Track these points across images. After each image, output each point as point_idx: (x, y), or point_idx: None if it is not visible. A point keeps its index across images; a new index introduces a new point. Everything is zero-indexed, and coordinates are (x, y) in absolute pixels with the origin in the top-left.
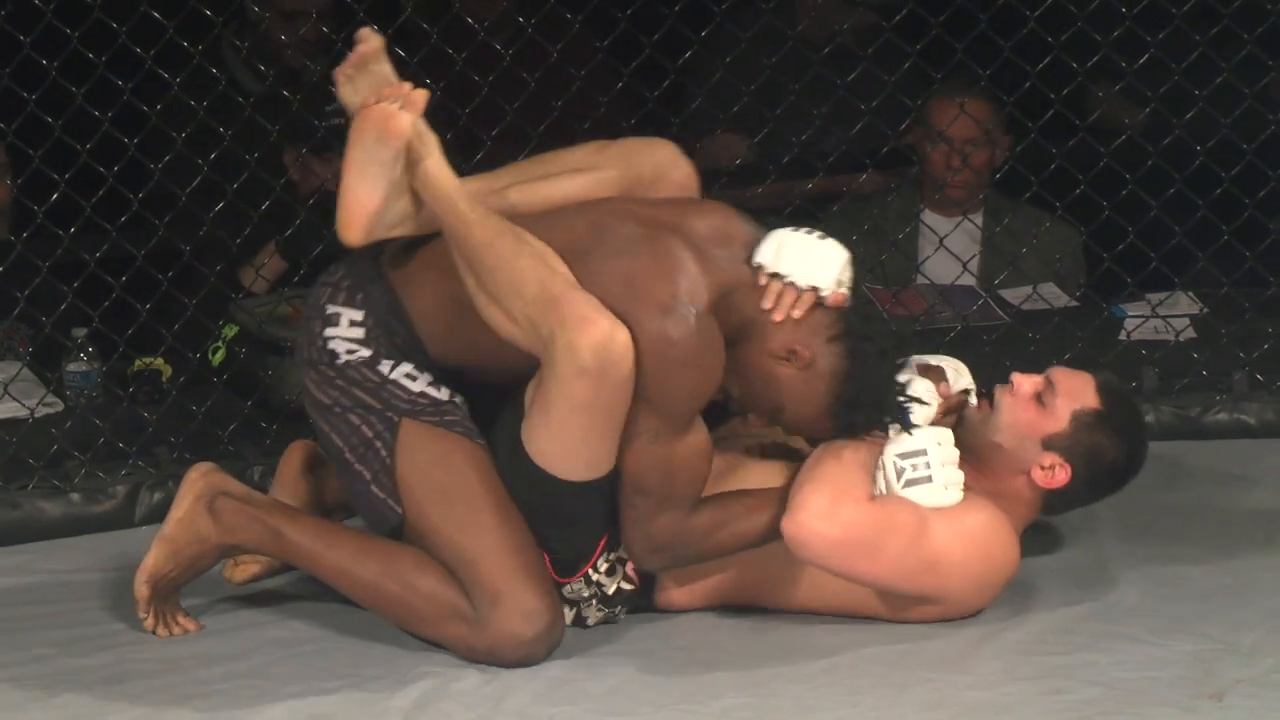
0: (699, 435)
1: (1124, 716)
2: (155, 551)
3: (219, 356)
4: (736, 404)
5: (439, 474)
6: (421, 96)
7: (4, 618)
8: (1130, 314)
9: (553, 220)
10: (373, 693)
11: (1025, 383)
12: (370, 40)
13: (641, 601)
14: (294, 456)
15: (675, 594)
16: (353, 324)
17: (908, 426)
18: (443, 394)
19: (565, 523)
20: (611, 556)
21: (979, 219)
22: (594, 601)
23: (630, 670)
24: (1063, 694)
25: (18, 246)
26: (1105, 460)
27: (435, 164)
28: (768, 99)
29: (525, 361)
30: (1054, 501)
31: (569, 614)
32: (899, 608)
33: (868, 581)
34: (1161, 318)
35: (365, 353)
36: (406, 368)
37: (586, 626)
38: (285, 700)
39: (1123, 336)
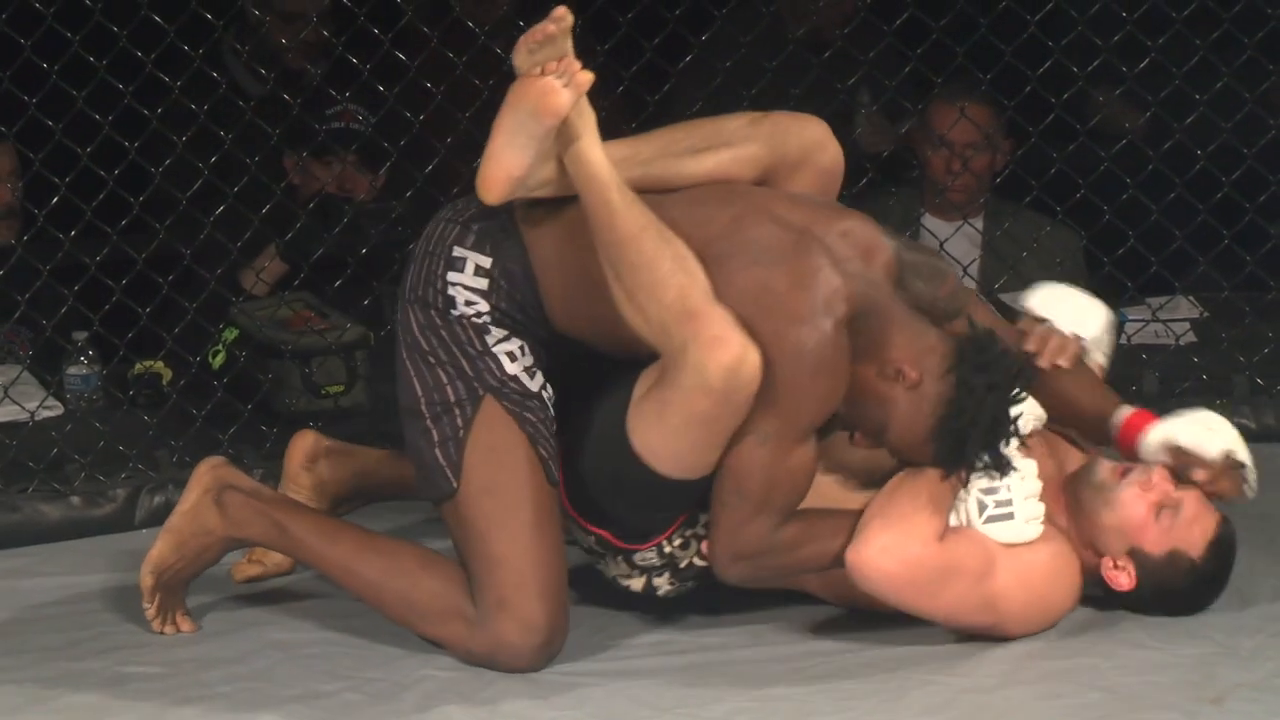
0: (808, 451)
1: None
2: (161, 542)
3: (219, 360)
4: (843, 421)
5: (495, 465)
6: (587, 79)
7: (3, 620)
8: (1131, 318)
9: (695, 206)
10: (372, 695)
11: (1159, 489)
12: (564, 19)
13: (711, 576)
14: (298, 449)
15: None
16: (478, 271)
17: (1005, 470)
18: (534, 384)
19: (646, 504)
20: (687, 533)
21: (979, 223)
22: (666, 572)
23: (629, 675)
24: (1062, 698)
25: (18, 250)
26: (1169, 596)
27: (589, 146)
28: (766, 101)
29: (641, 346)
30: (1106, 588)
31: (639, 581)
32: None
33: (924, 616)
34: (1162, 322)
35: (483, 307)
36: (511, 346)
37: (657, 596)
38: (285, 704)
39: (1123, 340)
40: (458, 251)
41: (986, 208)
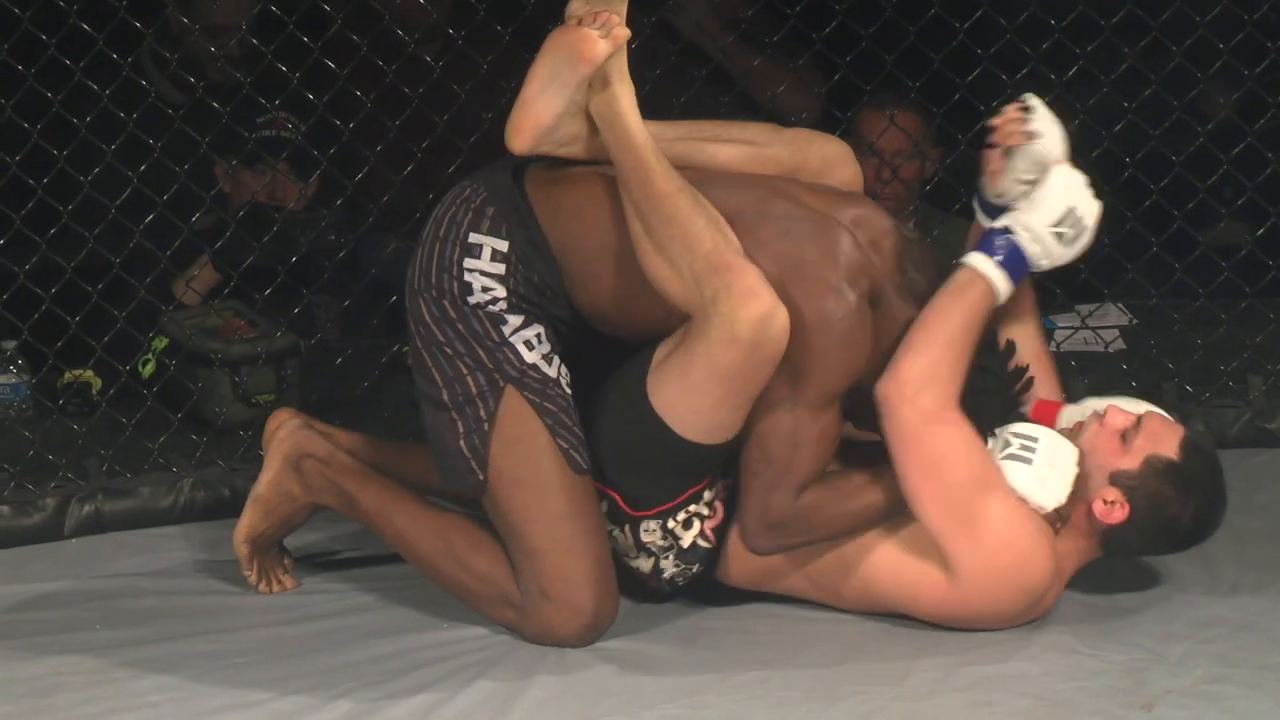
0: (832, 419)
1: None
2: (250, 512)
3: (149, 369)
4: (847, 409)
5: (522, 456)
6: (624, 34)
7: None
8: (1060, 325)
9: (721, 185)
10: (298, 705)
11: (1118, 416)
12: None
13: (715, 561)
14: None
15: (734, 571)
16: (495, 256)
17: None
18: (552, 370)
19: (659, 471)
20: (690, 509)
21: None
22: (670, 554)
23: (561, 681)
24: (994, 705)
25: None
26: (1166, 513)
27: (627, 106)
28: (695, 112)
29: (658, 321)
30: (1112, 541)
31: (647, 563)
32: (926, 608)
33: (910, 484)
34: (1091, 329)
35: (499, 292)
36: (528, 334)
37: (662, 578)
38: (216, 713)
39: (1052, 347)
40: (473, 238)
41: (917, 216)
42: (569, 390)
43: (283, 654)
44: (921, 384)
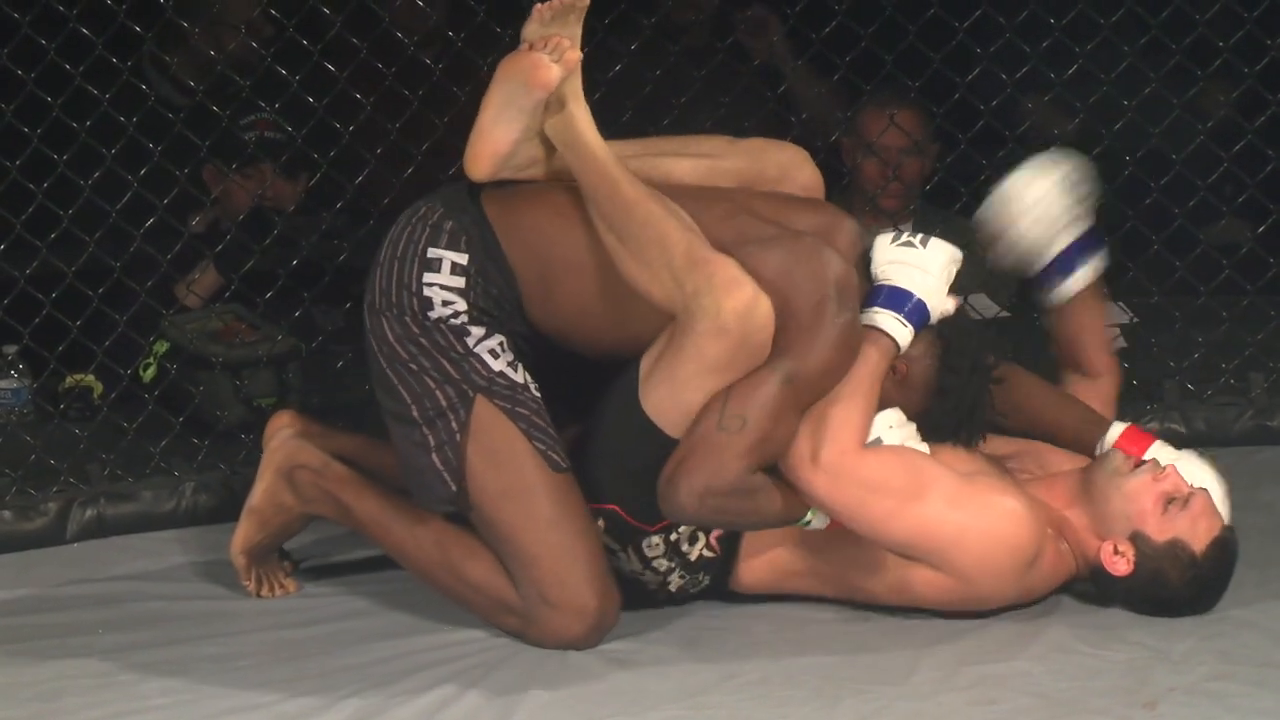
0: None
1: None
2: (245, 524)
3: (150, 373)
4: None
5: (502, 466)
6: (575, 58)
7: None
8: None
9: (691, 201)
10: (304, 706)
11: (1170, 481)
12: None
13: (722, 571)
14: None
15: (746, 578)
16: (454, 269)
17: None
18: (519, 377)
19: (656, 478)
20: None
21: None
22: (677, 568)
23: (566, 682)
24: (996, 704)
25: None
26: (1162, 592)
27: (585, 125)
28: (701, 111)
29: (616, 337)
30: (1100, 579)
31: (655, 579)
32: (947, 599)
33: (861, 533)
34: None
35: (460, 305)
36: (491, 343)
37: (670, 591)
38: (220, 716)
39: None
40: (432, 252)
41: (916, 214)
42: (538, 394)
43: (287, 657)
44: (818, 454)
